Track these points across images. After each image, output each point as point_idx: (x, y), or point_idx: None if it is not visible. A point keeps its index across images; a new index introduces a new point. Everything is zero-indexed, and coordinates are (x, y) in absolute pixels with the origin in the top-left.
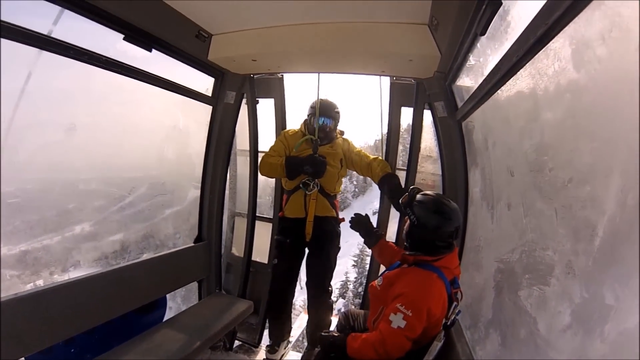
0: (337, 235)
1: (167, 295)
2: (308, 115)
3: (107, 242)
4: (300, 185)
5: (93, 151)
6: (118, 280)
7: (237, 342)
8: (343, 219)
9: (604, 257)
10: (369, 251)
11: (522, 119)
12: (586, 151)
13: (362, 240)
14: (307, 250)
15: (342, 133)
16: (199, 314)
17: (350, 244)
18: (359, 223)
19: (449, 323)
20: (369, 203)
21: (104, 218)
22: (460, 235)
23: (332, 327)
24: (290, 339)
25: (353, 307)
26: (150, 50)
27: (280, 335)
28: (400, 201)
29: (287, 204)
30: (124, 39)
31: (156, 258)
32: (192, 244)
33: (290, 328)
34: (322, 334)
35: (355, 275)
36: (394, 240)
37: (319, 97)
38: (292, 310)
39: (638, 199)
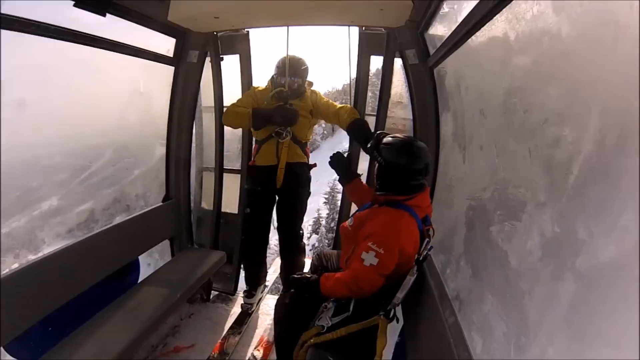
0: (308, 180)
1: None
2: (274, 75)
3: (77, 213)
4: (273, 135)
5: (52, 125)
6: (88, 250)
7: (214, 293)
8: (315, 165)
9: (578, 194)
10: (339, 188)
11: (497, 63)
12: (565, 92)
13: (332, 179)
14: (277, 197)
15: (310, 84)
16: (173, 270)
17: (321, 182)
18: (339, 162)
19: (421, 258)
20: (338, 144)
21: (71, 189)
22: (429, 173)
23: (306, 269)
24: (267, 283)
25: (327, 242)
26: (104, 15)
27: (256, 280)
28: (368, 146)
29: (258, 152)
30: (75, 5)
31: (125, 222)
32: (161, 203)
33: (266, 272)
34: (295, 276)
35: (327, 211)
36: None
37: (282, 57)
38: (267, 254)
39: (617, 139)
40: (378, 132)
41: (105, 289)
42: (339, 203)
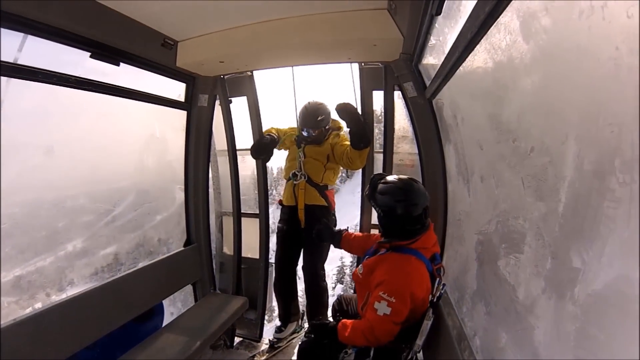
0: (329, 222)
1: (167, 301)
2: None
3: (100, 256)
4: (290, 176)
5: (74, 169)
6: (114, 292)
7: (237, 339)
8: (334, 208)
9: (568, 222)
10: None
11: (483, 93)
12: (542, 120)
13: (354, 224)
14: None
15: (339, 128)
16: (196, 316)
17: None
18: (321, 234)
19: (435, 300)
20: (357, 186)
21: (94, 232)
22: (429, 214)
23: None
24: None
25: (352, 291)
26: (118, 65)
27: (286, 316)
28: (364, 194)
29: (283, 191)
30: (91, 56)
31: (149, 266)
32: (183, 248)
33: (298, 310)
34: (314, 322)
35: (351, 259)
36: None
37: (306, 105)
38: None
39: (594, 163)
40: (372, 175)
41: (130, 332)
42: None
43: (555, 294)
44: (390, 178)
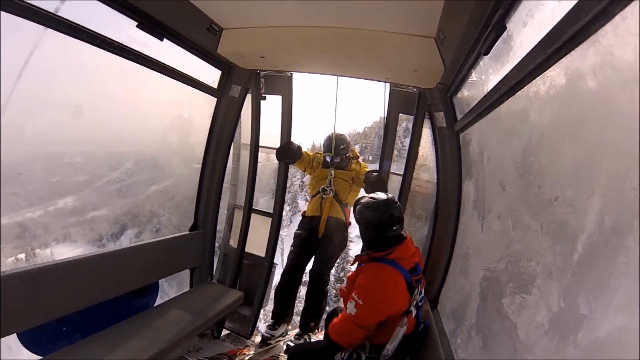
0: (343, 236)
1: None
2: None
3: (90, 218)
4: (320, 190)
5: (99, 130)
6: (113, 263)
7: (225, 331)
8: (350, 223)
9: (581, 270)
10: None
11: (516, 137)
12: (572, 174)
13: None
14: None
15: (357, 157)
16: (191, 302)
17: None
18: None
19: (410, 309)
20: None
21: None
22: (401, 223)
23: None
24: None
25: (334, 292)
26: (162, 39)
27: (282, 316)
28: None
29: (309, 205)
30: (137, 26)
31: (152, 243)
32: (187, 232)
33: (292, 313)
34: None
35: (338, 260)
36: None
37: (330, 135)
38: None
39: (614, 220)
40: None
41: (122, 305)
42: (350, 252)
43: (558, 337)
44: (365, 195)
